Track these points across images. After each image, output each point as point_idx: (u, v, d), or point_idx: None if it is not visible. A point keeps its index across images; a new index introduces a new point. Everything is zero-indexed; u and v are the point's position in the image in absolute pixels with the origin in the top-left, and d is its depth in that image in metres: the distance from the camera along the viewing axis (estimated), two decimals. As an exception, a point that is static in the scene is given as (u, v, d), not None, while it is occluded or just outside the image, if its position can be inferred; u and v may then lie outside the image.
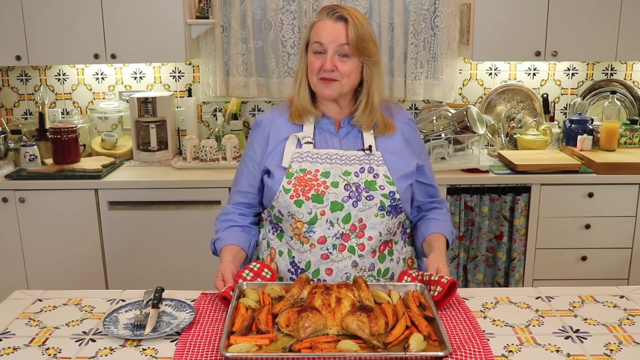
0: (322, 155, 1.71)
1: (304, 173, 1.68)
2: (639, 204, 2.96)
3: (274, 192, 1.69)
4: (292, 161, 1.70)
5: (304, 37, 1.74)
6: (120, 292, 1.69)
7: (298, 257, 1.71)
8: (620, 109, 3.44)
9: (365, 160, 1.70)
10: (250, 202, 1.82)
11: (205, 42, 3.41)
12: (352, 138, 1.76)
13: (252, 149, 1.80)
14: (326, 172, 1.68)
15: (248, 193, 1.81)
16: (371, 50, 1.69)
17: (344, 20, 1.65)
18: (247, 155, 1.82)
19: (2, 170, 3.05)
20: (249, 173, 1.80)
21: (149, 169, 3.16)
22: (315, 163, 1.69)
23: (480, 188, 2.99)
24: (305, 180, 1.67)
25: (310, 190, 1.66)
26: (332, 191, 1.66)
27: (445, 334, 1.34)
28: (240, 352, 1.29)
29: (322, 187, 1.66)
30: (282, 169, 1.70)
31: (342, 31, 1.65)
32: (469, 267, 3.12)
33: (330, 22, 1.67)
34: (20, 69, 3.48)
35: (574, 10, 3.04)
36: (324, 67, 1.66)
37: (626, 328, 1.46)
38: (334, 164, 1.69)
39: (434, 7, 3.32)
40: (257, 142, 1.79)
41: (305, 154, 1.71)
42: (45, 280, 3.01)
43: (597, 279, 3.04)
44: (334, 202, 1.65)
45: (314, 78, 1.70)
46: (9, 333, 1.46)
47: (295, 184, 1.67)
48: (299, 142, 1.73)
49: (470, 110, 3.00)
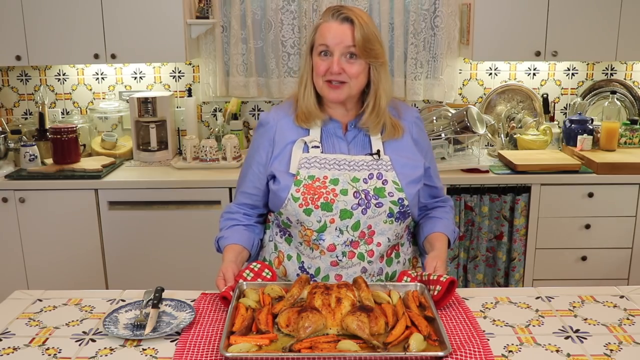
0: (330, 160, 1.68)
1: (312, 180, 1.66)
2: (639, 204, 2.96)
3: (282, 200, 1.67)
4: (300, 167, 1.67)
5: (309, 39, 1.70)
6: (120, 292, 1.69)
7: (308, 263, 1.70)
8: (620, 109, 3.44)
9: (374, 165, 1.68)
10: (255, 203, 1.81)
11: (205, 42, 3.41)
12: (360, 142, 1.73)
13: (257, 151, 1.76)
14: (335, 179, 1.66)
15: (252, 195, 1.79)
16: (378, 51, 1.65)
17: (350, 21, 1.62)
18: (252, 156, 1.78)
19: (2, 170, 3.05)
20: (253, 175, 1.77)
21: (149, 169, 3.16)
22: (323, 169, 1.67)
23: (480, 188, 2.99)
24: (314, 188, 1.65)
25: (319, 198, 1.64)
26: (341, 199, 1.64)
27: (445, 334, 1.33)
28: (240, 352, 1.29)
29: (331, 195, 1.64)
30: (290, 176, 1.68)
31: (348, 33, 1.62)
32: (469, 267, 3.12)
33: (336, 23, 1.63)
34: (20, 69, 3.48)
35: (574, 10, 3.04)
36: (331, 70, 1.63)
37: (626, 328, 1.46)
38: (342, 169, 1.67)
39: (434, 7, 3.33)
40: (262, 145, 1.76)
41: (313, 159, 1.68)
42: (45, 280, 3.01)
43: (597, 279, 3.04)
44: (343, 210, 1.64)
45: (320, 81, 1.66)
46: (9, 333, 1.46)
47: (304, 192, 1.65)
48: (306, 146, 1.71)
49: (470, 110, 3.00)
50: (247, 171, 1.80)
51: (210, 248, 2.96)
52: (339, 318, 1.39)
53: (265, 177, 1.74)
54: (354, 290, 1.50)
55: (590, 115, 3.39)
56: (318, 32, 1.66)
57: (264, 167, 1.75)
